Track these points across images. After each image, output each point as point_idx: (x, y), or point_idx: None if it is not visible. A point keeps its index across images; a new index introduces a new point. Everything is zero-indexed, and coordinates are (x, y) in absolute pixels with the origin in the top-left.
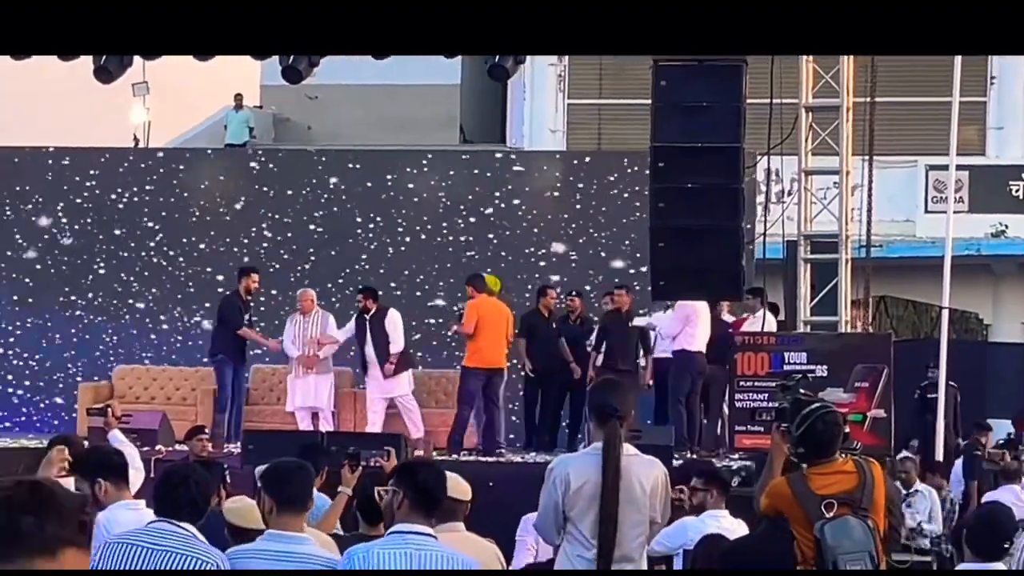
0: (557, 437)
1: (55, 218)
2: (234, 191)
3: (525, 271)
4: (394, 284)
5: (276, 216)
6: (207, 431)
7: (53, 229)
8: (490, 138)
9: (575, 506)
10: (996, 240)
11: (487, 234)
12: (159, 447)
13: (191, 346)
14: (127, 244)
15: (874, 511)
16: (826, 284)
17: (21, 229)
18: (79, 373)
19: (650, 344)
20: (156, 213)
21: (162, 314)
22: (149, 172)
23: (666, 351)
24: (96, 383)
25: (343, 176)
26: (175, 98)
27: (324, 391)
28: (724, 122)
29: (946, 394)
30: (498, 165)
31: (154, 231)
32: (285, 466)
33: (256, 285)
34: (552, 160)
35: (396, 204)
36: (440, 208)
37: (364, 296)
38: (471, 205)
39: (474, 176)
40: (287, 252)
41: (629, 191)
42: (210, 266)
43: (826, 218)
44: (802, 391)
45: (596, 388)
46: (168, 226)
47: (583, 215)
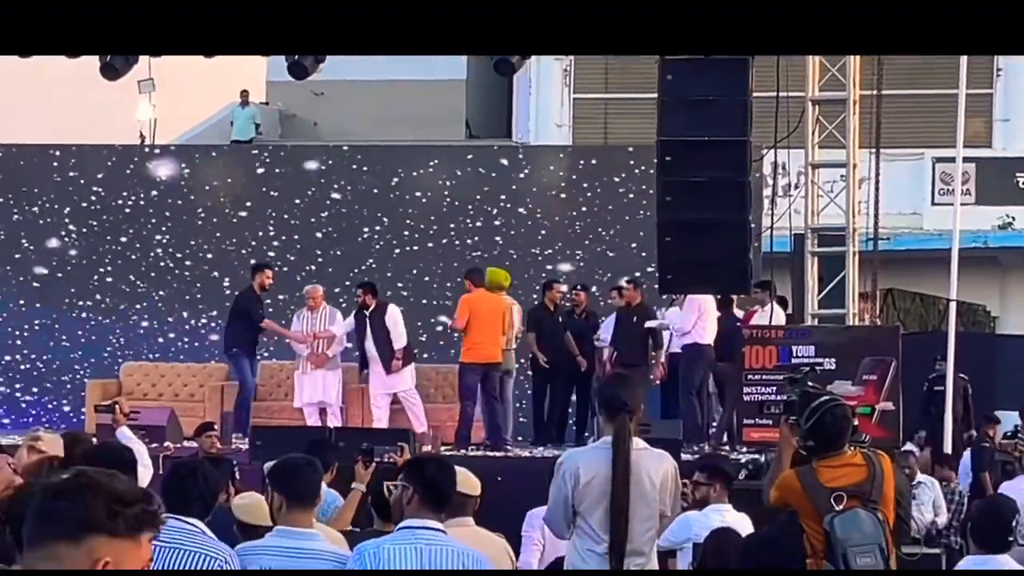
0: (565, 431)
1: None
2: (240, 190)
3: (532, 268)
4: (400, 284)
5: (284, 216)
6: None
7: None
8: (496, 133)
9: (584, 500)
10: (1003, 232)
11: (493, 230)
12: (167, 444)
13: (198, 347)
14: (133, 245)
15: (884, 504)
16: (833, 277)
17: (28, 231)
18: (87, 375)
19: (660, 340)
20: (161, 213)
21: (169, 316)
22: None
23: (676, 346)
24: (104, 380)
25: (350, 174)
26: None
27: (332, 387)
28: (731, 116)
29: (955, 387)
30: (504, 160)
31: (160, 231)
32: (293, 462)
33: (271, 281)
34: (558, 155)
35: (403, 203)
36: (446, 204)
37: (363, 292)
38: (477, 201)
39: (480, 171)
40: (293, 253)
41: (635, 186)
42: (216, 267)
43: (833, 211)
44: (810, 384)
45: (606, 382)
46: (175, 225)
47: (589, 211)
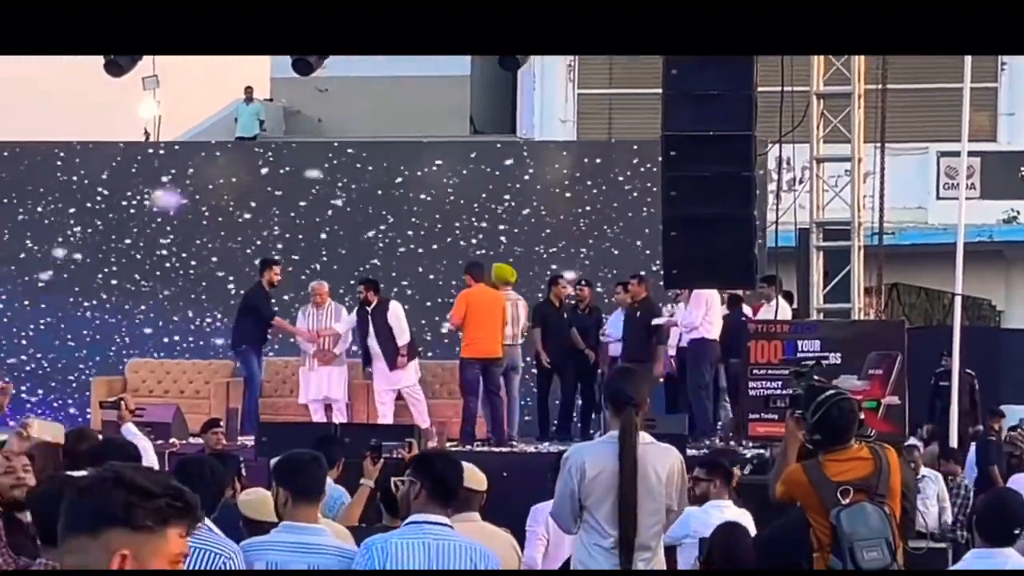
0: (571, 426)
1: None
2: (245, 188)
3: (537, 264)
4: (405, 281)
5: (290, 214)
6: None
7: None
8: (500, 129)
9: (591, 495)
10: (1008, 226)
11: (497, 226)
12: (173, 440)
13: (203, 346)
14: (138, 244)
15: (890, 497)
16: (839, 271)
17: (32, 230)
18: (92, 374)
19: (663, 336)
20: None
21: (174, 314)
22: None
23: (683, 342)
24: (109, 377)
25: (354, 171)
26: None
27: (338, 383)
28: (735, 110)
29: (961, 381)
30: (509, 156)
31: (165, 230)
32: (298, 457)
33: (279, 277)
34: (562, 151)
35: (407, 199)
36: (450, 201)
37: (365, 288)
38: (482, 197)
39: (484, 168)
40: (297, 251)
41: (640, 182)
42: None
43: (838, 205)
44: (816, 378)
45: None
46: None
47: (593, 207)
